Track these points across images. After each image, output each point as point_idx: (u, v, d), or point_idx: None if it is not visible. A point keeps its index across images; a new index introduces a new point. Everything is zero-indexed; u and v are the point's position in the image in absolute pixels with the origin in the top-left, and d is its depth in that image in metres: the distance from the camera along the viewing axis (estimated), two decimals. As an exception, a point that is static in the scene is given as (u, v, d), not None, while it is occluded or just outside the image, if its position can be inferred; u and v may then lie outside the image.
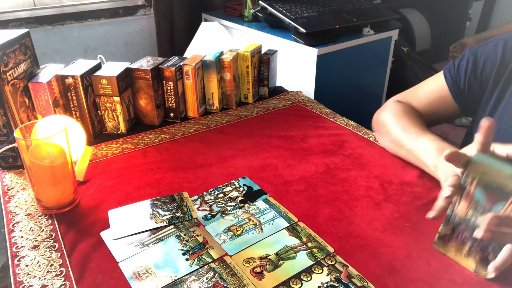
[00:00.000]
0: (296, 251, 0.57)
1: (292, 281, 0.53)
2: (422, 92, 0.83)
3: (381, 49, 1.51)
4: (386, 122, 0.81)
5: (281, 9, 1.38)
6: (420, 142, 0.71)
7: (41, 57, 1.04)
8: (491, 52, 0.73)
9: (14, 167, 0.77)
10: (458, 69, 0.77)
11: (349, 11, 1.46)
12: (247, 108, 1.04)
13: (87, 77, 0.83)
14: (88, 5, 1.56)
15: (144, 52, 1.73)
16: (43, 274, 0.54)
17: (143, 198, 0.69)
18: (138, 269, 0.55)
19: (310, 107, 1.05)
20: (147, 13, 1.69)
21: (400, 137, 0.75)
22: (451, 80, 0.77)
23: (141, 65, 0.90)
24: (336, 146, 0.85)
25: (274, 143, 0.87)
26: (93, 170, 0.77)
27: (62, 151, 0.62)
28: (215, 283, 0.52)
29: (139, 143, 0.86)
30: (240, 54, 1.02)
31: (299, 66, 1.34)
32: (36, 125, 0.64)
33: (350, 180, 0.74)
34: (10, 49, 0.72)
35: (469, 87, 0.76)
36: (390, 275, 0.54)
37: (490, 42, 0.75)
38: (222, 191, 0.71)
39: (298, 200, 0.69)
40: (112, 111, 0.88)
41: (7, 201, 0.68)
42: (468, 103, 0.77)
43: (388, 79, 1.62)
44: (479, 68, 0.74)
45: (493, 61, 0.72)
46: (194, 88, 0.95)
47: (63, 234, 0.61)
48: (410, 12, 2.16)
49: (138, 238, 0.60)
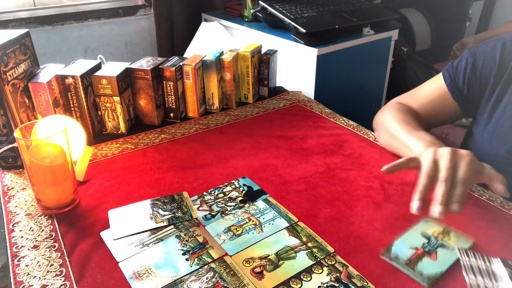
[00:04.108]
0: (296, 251, 0.57)
1: (292, 281, 0.53)
2: (422, 93, 0.83)
3: (381, 49, 1.51)
4: (385, 118, 0.81)
5: (281, 9, 1.38)
6: (414, 135, 0.71)
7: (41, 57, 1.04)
8: (490, 53, 0.73)
9: (14, 167, 0.77)
10: (457, 69, 0.77)
11: (349, 11, 1.46)
12: (247, 108, 1.04)
13: (87, 77, 0.84)
14: (88, 5, 1.57)
15: (144, 52, 1.73)
16: (43, 274, 0.54)
17: (143, 198, 0.69)
18: (138, 269, 0.55)
19: (310, 107, 1.05)
20: (147, 13, 1.69)
21: (396, 130, 0.75)
22: (449, 79, 0.78)
23: (141, 65, 0.90)
24: (336, 146, 0.85)
25: (274, 143, 0.87)
26: (93, 170, 0.77)
27: (62, 151, 0.62)
28: (215, 283, 0.52)
29: (139, 143, 0.86)
30: (240, 54, 1.02)
31: (299, 66, 1.34)
32: (36, 125, 0.64)
33: (350, 180, 0.74)
34: (10, 49, 0.72)
35: (469, 87, 0.76)
36: (390, 275, 0.54)
37: (489, 42, 0.75)
38: (222, 191, 0.71)
39: (298, 200, 0.69)
40: (112, 111, 0.88)
41: (7, 201, 0.68)
42: (468, 103, 0.78)
43: (388, 79, 1.62)
44: (478, 69, 0.74)
45: (492, 62, 0.73)
46: (194, 88, 0.95)
47: (63, 234, 0.61)
48: (410, 12, 2.16)
49: (138, 238, 0.60)
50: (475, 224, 0.63)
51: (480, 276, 0.53)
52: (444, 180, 0.55)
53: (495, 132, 0.73)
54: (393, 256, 0.55)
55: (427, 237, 0.59)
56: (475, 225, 0.63)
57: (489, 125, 0.74)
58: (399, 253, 0.56)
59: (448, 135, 1.59)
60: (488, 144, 0.74)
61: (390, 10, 1.60)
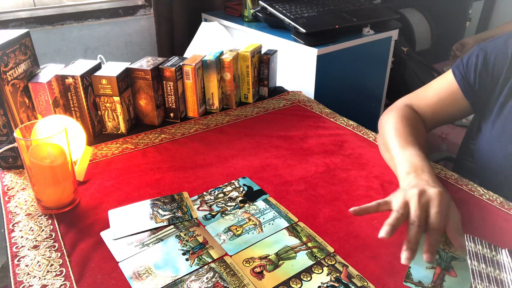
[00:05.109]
0: (296, 251, 0.57)
1: (292, 281, 0.53)
2: (431, 91, 0.82)
3: (381, 49, 1.51)
4: (386, 124, 0.80)
5: (281, 9, 1.38)
6: (402, 153, 0.69)
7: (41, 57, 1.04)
8: (501, 48, 0.73)
9: (14, 167, 0.77)
10: (467, 66, 0.76)
11: (349, 11, 1.46)
12: (247, 108, 1.04)
13: (87, 77, 0.83)
14: (88, 5, 1.56)
15: (144, 52, 1.73)
16: (43, 274, 0.54)
17: (143, 198, 0.69)
18: (138, 269, 0.55)
19: (310, 107, 1.05)
20: (147, 13, 1.69)
21: (390, 142, 0.74)
22: (460, 76, 0.77)
23: (141, 65, 0.90)
24: (336, 146, 0.85)
25: (274, 143, 0.87)
26: (93, 170, 0.77)
27: (62, 151, 0.62)
28: (215, 283, 0.52)
29: (139, 143, 0.86)
30: (240, 54, 1.02)
31: (299, 66, 1.33)
32: (36, 125, 0.64)
33: (350, 180, 0.74)
34: (10, 49, 0.72)
35: (480, 83, 0.75)
36: (390, 275, 0.54)
37: (499, 38, 0.74)
38: (222, 191, 0.71)
39: (298, 200, 0.69)
40: (112, 111, 0.88)
41: (7, 201, 0.68)
42: (479, 99, 0.77)
43: (388, 79, 1.62)
44: (490, 64, 0.74)
45: (504, 57, 0.72)
46: (194, 88, 0.95)
47: (63, 234, 0.61)
48: (410, 12, 2.16)
49: (138, 238, 0.60)
50: (475, 224, 0.63)
51: (483, 264, 0.52)
52: (411, 222, 0.55)
53: (505, 128, 0.73)
54: (416, 281, 0.53)
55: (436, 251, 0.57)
56: (475, 225, 0.63)
57: (498, 120, 0.74)
58: (420, 276, 0.54)
59: (448, 135, 1.59)
60: (496, 140, 0.74)
61: (390, 10, 1.60)
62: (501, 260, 0.53)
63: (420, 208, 0.56)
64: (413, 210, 0.56)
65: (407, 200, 0.58)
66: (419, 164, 0.65)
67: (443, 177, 0.76)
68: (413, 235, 0.54)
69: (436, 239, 0.54)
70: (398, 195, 0.60)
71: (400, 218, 0.56)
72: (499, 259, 0.53)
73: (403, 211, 0.57)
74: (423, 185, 0.59)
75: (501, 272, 0.52)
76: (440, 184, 0.61)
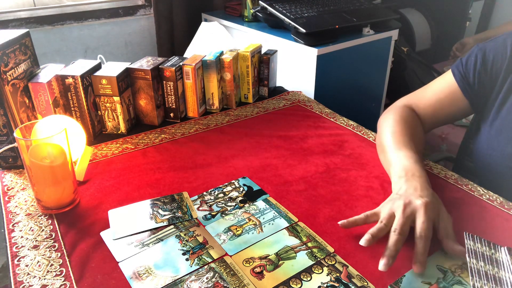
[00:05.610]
0: (296, 251, 0.57)
1: (292, 281, 0.53)
2: (431, 91, 0.82)
3: (381, 49, 1.51)
4: (383, 125, 0.80)
5: (281, 9, 1.38)
6: (396, 155, 0.69)
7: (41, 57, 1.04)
8: (500, 48, 0.73)
9: (14, 167, 0.77)
10: (467, 65, 0.77)
11: (349, 11, 1.46)
12: (247, 108, 1.04)
13: (87, 77, 0.84)
14: (88, 5, 1.57)
15: (144, 52, 1.73)
16: (43, 274, 0.54)
17: (143, 198, 0.69)
18: (138, 269, 0.55)
19: (310, 107, 1.05)
20: (147, 13, 1.69)
21: (386, 143, 0.74)
22: (459, 76, 0.77)
23: (141, 65, 0.90)
24: (336, 146, 0.85)
25: (274, 143, 0.87)
26: (93, 170, 0.77)
27: (62, 151, 0.62)
28: (215, 283, 0.52)
29: (139, 143, 0.86)
30: (240, 54, 1.02)
31: (299, 66, 1.34)
32: (36, 125, 0.64)
33: (350, 180, 0.74)
34: (10, 49, 0.72)
35: (479, 83, 0.75)
36: (390, 275, 0.54)
37: (498, 38, 0.75)
38: (222, 191, 0.71)
39: (298, 200, 0.69)
40: (112, 111, 0.88)
41: (7, 201, 0.68)
42: (478, 99, 0.77)
43: (388, 79, 1.62)
44: (489, 64, 0.74)
45: (503, 56, 0.72)
46: (194, 88, 0.95)
47: (63, 234, 0.61)
48: (410, 12, 2.16)
49: (138, 238, 0.60)
50: (475, 224, 0.63)
51: (482, 261, 0.52)
52: (393, 230, 0.55)
53: (503, 128, 0.73)
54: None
55: (443, 271, 0.54)
56: (475, 225, 0.63)
57: (496, 120, 0.74)
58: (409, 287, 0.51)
59: (448, 135, 1.59)
60: (495, 140, 0.74)
61: (390, 10, 1.60)
62: (500, 258, 0.53)
63: (404, 218, 0.56)
64: (396, 220, 0.57)
65: (393, 212, 0.58)
66: (411, 167, 0.65)
67: (443, 177, 0.76)
68: (393, 243, 0.54)
69: (423, 247, 0.54)
70: (386, 206, 0.60)
71: (383, 229, 0.56)
72: (498, 257, 0.53)
73: (387, 222, 0.57)
74: (410, 195, 0.59)
75: (500, 270, 0.52)
76: (430, 189, 0.61)
